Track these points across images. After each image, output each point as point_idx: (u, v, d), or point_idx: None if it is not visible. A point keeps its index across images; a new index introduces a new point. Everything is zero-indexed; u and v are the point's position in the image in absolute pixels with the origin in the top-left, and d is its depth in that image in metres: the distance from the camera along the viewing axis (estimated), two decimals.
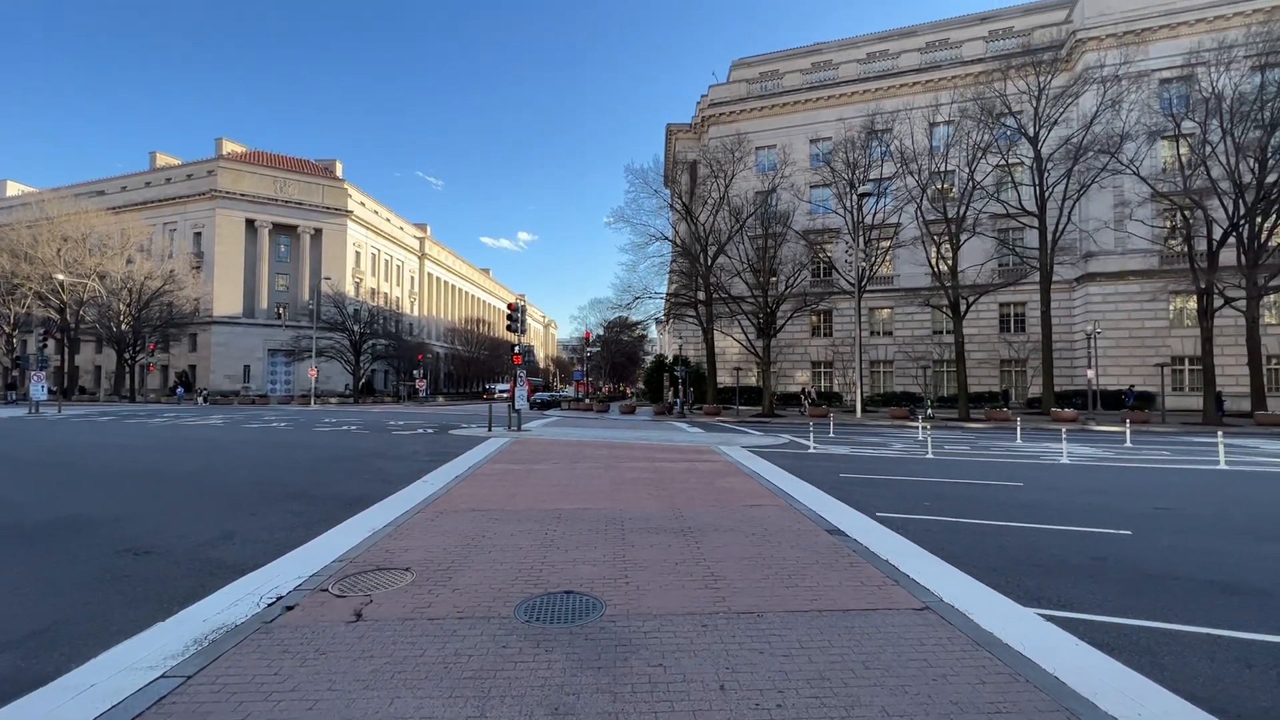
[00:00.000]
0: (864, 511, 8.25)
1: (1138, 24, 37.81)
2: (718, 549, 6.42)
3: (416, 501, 8.87)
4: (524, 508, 8.49)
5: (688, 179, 41.78)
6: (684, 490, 9.87)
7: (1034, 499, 9.38)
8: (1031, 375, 40.22)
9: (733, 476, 11.34)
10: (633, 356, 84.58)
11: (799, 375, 45.44)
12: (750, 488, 10.11)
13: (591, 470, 12.07)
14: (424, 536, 6.94)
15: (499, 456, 14.20)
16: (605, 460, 13.70)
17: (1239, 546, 6.69)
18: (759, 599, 4.97)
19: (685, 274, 38.98)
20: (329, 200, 69.70)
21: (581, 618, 4.61)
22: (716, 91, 48.85)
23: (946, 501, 9.13)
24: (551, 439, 18.46)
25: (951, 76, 42.20)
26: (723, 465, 12.95)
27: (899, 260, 42.14)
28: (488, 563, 5.95)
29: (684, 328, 44.42)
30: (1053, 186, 32.50)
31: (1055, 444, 17.57)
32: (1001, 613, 4.69)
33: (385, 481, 10.74)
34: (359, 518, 7.89)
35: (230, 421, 27.07)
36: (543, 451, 15.36)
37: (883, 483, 10.85)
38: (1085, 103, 33.42)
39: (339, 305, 56.88)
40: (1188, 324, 36.97)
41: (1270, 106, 28.41)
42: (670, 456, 14.62)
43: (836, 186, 36.44)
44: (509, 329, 20.44)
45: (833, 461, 13.88)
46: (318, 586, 5.29)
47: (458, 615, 4.63)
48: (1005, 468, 12.94)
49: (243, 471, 12.14)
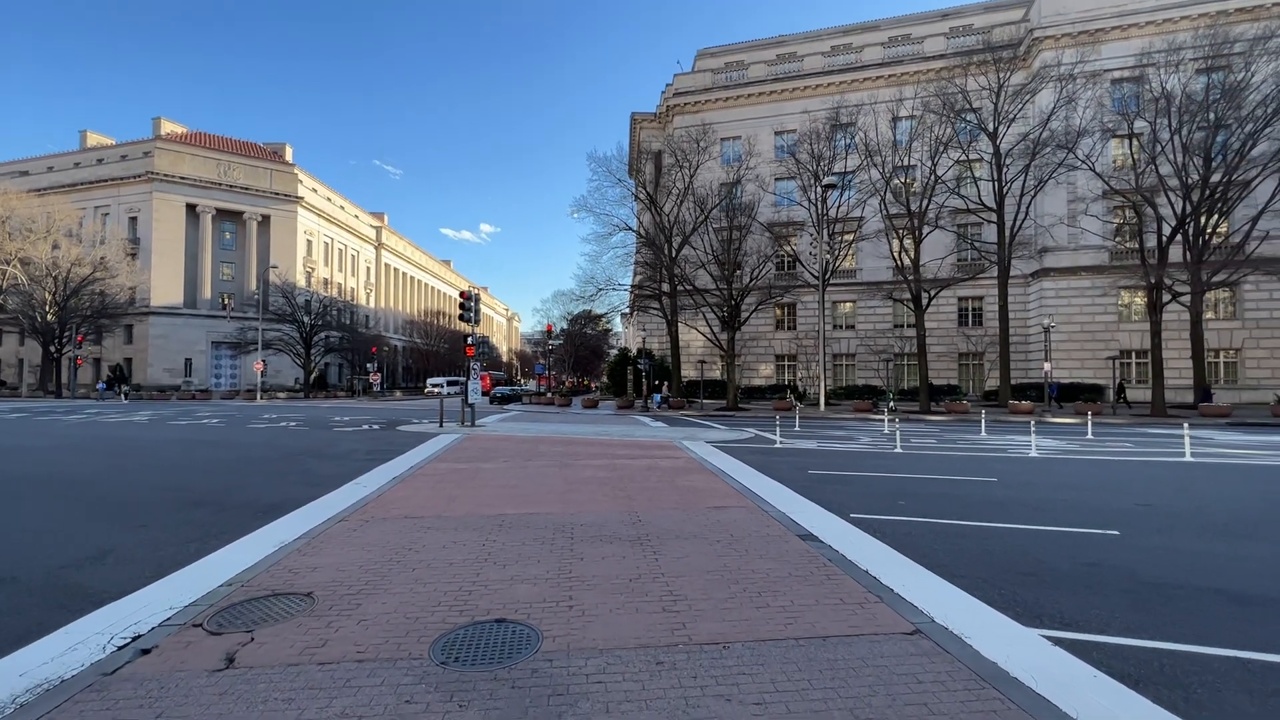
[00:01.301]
0: (837, 513, 7.62)
1: (1092, 24, 38.57)
2: (679, 560, 5.67)
3: (342, 508, 7.87)
4: (463, 513, 7.59)
5: (652, 169, 41.00)
6: (643, 491, 9.10)
7: (1010, 496, 8.94)
8: (989, 368, 40.89)
9: (696, 474, 10.63)
10: (597, 350, 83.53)
11: (763, 368, 45.29)
12: (715, 487, 9.41)
13: (544, 469, 11.20)
14: (340, 550, 5.99)
15: (445, 454, 13.18)
16: (560, 457, 12.84)
17: (1231, 547, 6.28)
18: (726, 624, 4.23)
19: (650, 265, 38.23)
20: (277, 185, 66.45)
21: (512, 656, 3.78)
22: (681, 81, 48.10)
23: (921, 500, 8.60)
24: (505, 435, 17.47)
25: (914, 71, 42.46)
26: (685, 462, 12.24)
27: (862, 254, 42.29)
28: (409, 583, 5.06)
29: (648, 320, 43.70)
30: (1011, 182, 32.87)
31: (1020, 437, 17.50)
32: (1002, 636, 4.06)
33: (312, 484, 9.67)
34: (269, 529, 6.87)
35: (157, 419, 25.13)
36: (494, 448, 14.39)
37: (854, 480, 10.30)
38: (1042, 99, 33.85)
39: (287, 295, 54.18)
40: (1135, 319, 38.07)
41: (1215, 108, 29.22)
42: (630, 453, 13.85)
43: (801, 179, 36.18)
44: (462, 319, 19.32)
45: (800, 457, 13.34)
46: (190, 620, 4.33)
47: (357, 657, 3.75)
48: (975, 462, 12.60)
49: (150, 475, 10.85)
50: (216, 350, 62.28)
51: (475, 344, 19.49)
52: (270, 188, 65.93)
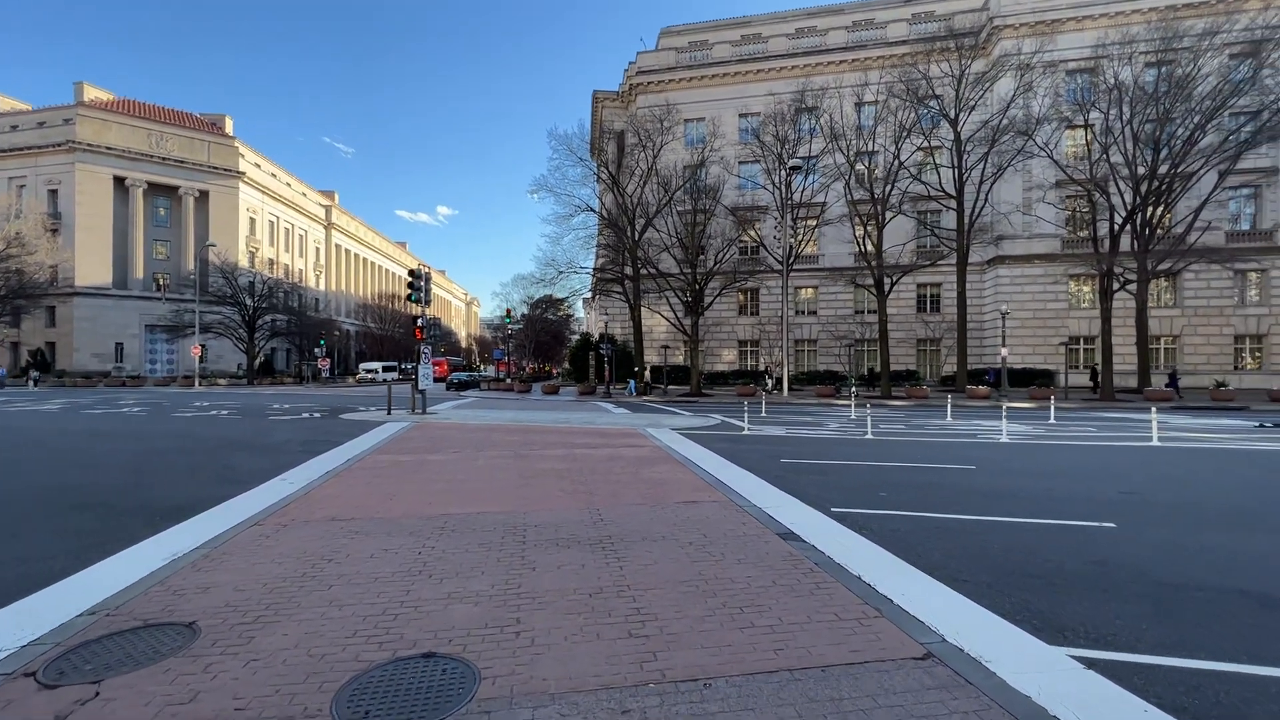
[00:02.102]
0: (816, 506, 7.02)
1: (1048, 14, 39.07)
2: (647, 568, 4.93)
3: (259, 509, 6.85)
4: (400, 514, 6.68)
5: (615, 148, 39.88)
6: (606, 484, 8.34)
7: (993, 485, 8.53)
8: (945, 354, 41.56)
9: (663, 464, 9.93)
10: (559, 335, 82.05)
11: (726, 354, 45.02)
12: (684, 478, 8.72)
13: (497, 461, 10.31)
14: (244, 564, 5.04)
15: (389, 445, 12.12)
16: (516, 447, 11.95)
17: (1234, 539, 5.92)
18: (705, 652, 3.51)
19: (612, 248, 37.26)
20: (216, 159, 62.47)
21: (440, 708, 2.97)
22: (645, 59, 46.90)
23: (903, 491, 8.10)
24: (458, 423, 16.43)
25: (878, 56, 42.33)
26: (651, 451, 11.53)
27: (824, 240, 42.21)
28: (322, 606, 4.17)
29: (611, 304, 42.77)
30: (970, 169, 33.09)
31: (986, 421, 17.44)
32: (1028, 659, 3.46)
33: (230, 481, 8.56)
34: (163, 537, 5.83)
35: (71, 407, 23.02)
36: (444, 438, 13.37)
37: (829, 469, 9.77)
38: (1002, 88, 34.11)
39: (228, 275, 51.01)
40: (1084, 306, 39.17)
41: (1163, 101, 29.91)
42: (592, 441, 13.05)
43: (765, 162, 35.70)
44: (411, 299, 18.07)
45: (770, 444, 12.79)
46: (21, 668, 3.36)
47: (234, 716, 2.88)
48: (949, 449, 12.27)
49: (38, 473, 9.51)
50: (151, 334, 58.48)
51: (425, 326, 18.26)
52: (208, 161, 61.92)
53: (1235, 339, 37.67)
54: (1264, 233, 37.24)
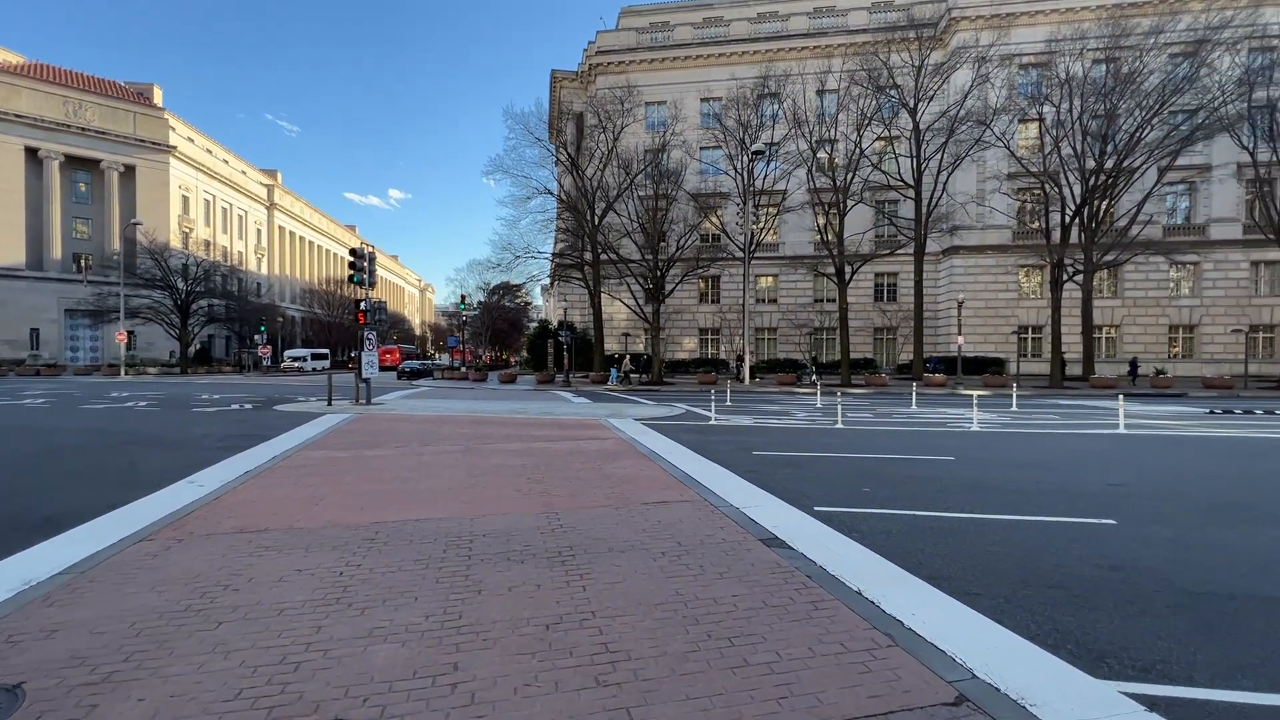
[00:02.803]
0: (798, 505, 6.41)
1: (1003, 8, 39.61)
2: (615, 587, 4.19)
3: (152, 520, 5.79)
4: (325, 523, 5.73)
5: (574, 130, 38.58)
6: (566, 482, 7.54)
7: (977, 477, 8.11)
8: (901, 342, 42.15)
9: (627, 459, 9.18)
10: (516, 323, 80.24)
11: (687, 342, 44.60)
12: (651, 474, 8.00)
13: (444, 456, 9.36)
14: (113, 595, 4.05)
15: (324, 440, 10.99)
16: (467, 441, 11.00)
17: (1241, 536, 5.58)
18: (692, 707, 2.79)
19: (571, 232, 36.15)
20: (144, 131, 58.01)
21: None
22: (605, 39, 45.59)
23: (887, 485, 7.58)
24: (405, 414, 15.30)
25: (839, 44, 42.09)
26: (614, 444, 10.77)
27: (784, 228, 42.09)
28: (202, 653, 3.27)
29: (570, 291, 41.66)
30: (929, 159, 33.31)
31: (951, 409, 17.35)
32: (1078, 699, 2.87)
33: (128, 484, 7.39)
34: (20, 558, 4.76)
35: None
36: (388, 431, 12.28)
37: (805, 461, 9.21)
38: (959, 79, 34.37)
39: (157, 256, 47.46)
40: (1032, 296, 40.29)
41: (1110, 97, 30.65)
42: (550, 433, 12.19)
43: (728, 147, 35.16)
44: (352, 280, 16.70)
45: (740, 435, 12.21)
46: None
47: None
48: (923, 438, 11.94)
49: None
50: (72, 319, 54.17)
51: (369, 310, 16.88)
52: (134, 133, 57.44)
53: (1170, 328, 39.39)
54: (1198, 227, 38.92)
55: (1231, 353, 37.70)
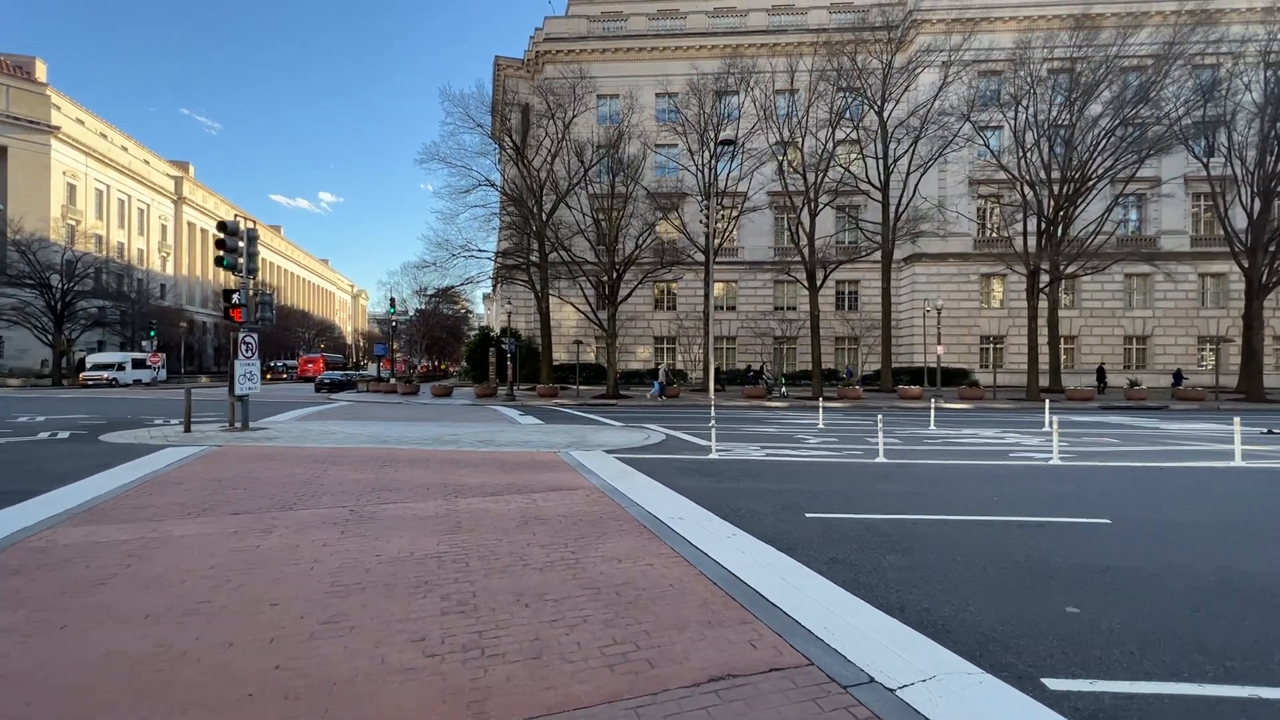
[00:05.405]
0: (990, 667, 3.28)
1: (965, 13, 38.87)
2: None
3: None
4: None
5: (519, 119, 35.06)
6: (517, 605, 4.15)
7: (1198, 568, 5.15)
8: (865, 352, 40.51)
9: (618, 536, 5.81)
10: (455, 331, 75.33)
11: (640, 351, 41.60)
12: (670, 576, 4.69)
13: (304, 538, 5.72)
14: None
15: (124, 497, 7.13)
16: (358, 498, 7.37)
17: None
18: None
19: (517, 229, 32.56)
20: (19, 108, 50.69)
21: None
22: (553, 25, 42.42)
23: (1088, 596, 4.42)
24: (287, 446, 11.45)
25: (798, 43, 40.39)
26: (587, 499, 7.36)
27: (744, 232, 39.75)
28: None
29: (515, 294, 37.88)
30: (895, 161, 31.80)
31: (983, 431, 14.66)
32: None
33: None
34: None
35: None
36: (242, 479, 8.42)
37: (901, 538, 5.90)
38: (924, 82, 33.01)
39: (25, 250, 40.69)
40: (994, 306, 39.46)
41: (1073, 106, 29.90)
42: (490, 479, 8.66)
43: (688, 141, 32.57)
44: (219, 261, 12.67)
45: (762, 480, 8.86)
46: None
47: None
48: (1011, 481, 8.86)
49: None
50: None
51: (244, 305, 12.84)
52: (7, 109, 50.06)
53: (1125, 339, 39.29)
54: (1148, 239, 39.00)
55: (1181, 363, 37.88)
